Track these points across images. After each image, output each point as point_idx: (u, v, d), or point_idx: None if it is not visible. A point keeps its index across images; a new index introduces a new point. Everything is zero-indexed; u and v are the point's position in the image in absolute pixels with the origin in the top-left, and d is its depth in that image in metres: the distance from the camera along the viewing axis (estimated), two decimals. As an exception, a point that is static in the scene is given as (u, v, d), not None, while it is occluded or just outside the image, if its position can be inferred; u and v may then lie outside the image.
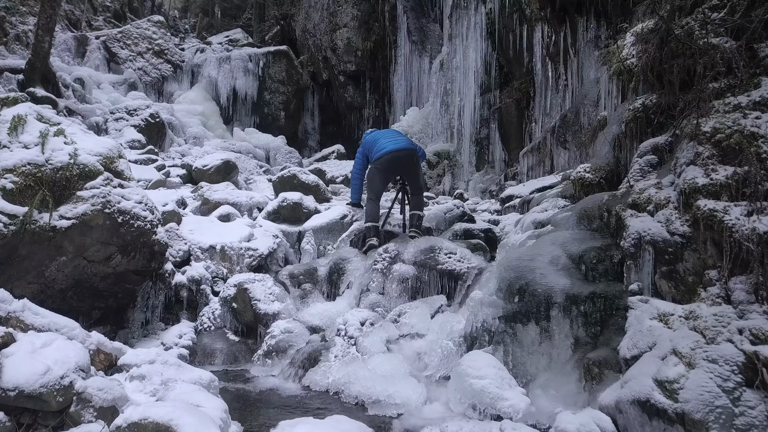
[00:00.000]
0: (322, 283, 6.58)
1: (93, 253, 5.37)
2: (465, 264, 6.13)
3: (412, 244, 6.45)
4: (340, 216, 7.23)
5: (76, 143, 5.48)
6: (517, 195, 8.12)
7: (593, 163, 5.99)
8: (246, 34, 29.64)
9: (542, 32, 10.78)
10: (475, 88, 12.77)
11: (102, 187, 5.40)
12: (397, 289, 6.15)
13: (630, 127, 5.77)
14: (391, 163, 6.71)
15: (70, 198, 5.26)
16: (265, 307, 5.78)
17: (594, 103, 9.59)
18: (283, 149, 18.70)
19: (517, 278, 4.62)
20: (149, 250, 5.70)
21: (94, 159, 5.47)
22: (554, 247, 4.75)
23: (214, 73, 20.55)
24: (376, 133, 7.06)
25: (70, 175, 5.26)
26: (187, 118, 18.06)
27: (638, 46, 6.42)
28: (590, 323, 4.22)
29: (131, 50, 20.13)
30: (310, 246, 7.02)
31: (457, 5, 13.41)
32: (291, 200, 7.22)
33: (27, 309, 3.99)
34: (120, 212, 5.43)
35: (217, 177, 12.10)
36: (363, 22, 22.36)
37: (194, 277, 6.07)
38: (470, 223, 7.46)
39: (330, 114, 24.53)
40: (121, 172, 5.70)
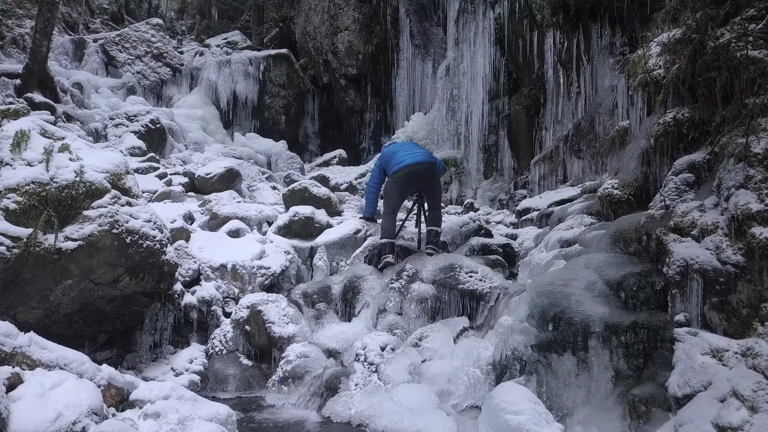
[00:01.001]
0: (336, 302, 6.32)
1: (100, 276, 5.10)
2: (487, 283, 5.89)
3: (430, 262, 6.20)
4: (353, 231, 6.98)
5: (81, 159, 5.21)
6: (534, 208, 7.88)
7: (621, 178, 5.75)
8: (244, 36, 29.33)
9: (554, 38, 10.55)
10: (483, 94, 12.53)
11: (109, 205, 5.13)
12: (415, 310, 5.91)
13: (660, 142, 5.54)
14: (410, 177, 6.46)
15: (76, 218, 5.00)
16: (280, 330, 5.52)
17: (609, 111, 9.37)
18: (285, 154, 18.43)
19: (551, 305, 4.38)
20: (158, 271, 5.44)
21: (101, 176, 5.21)
22: (589, 272, 4.51)
23: (213, 77, 20.26)
24: (395, 146, 6.80)
25: (76, 194, 4.99)
26: (186, 123, 17.78)
27: (665, 57, 6.20)
28: (632, 355, 3.98)
29: (130, 53, 19.84)
30: (322, 262, 6.76)
31: (464, 10, 13.18)
32: (303, 215, 6.97)
33: (34, 343, 3.73)
34: (128, 232, 5.17)
35: (220, 185, 11.85)
36: (364, 25, 22.10)
37: (205, 298, 5.80)
38: (488, 238, 7.22)
39: (330, 118, 24.26)
40: (128, 189, 5.44)
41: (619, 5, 9.25)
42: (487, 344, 4.95)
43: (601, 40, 9.64)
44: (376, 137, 22.81)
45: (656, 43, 6.41)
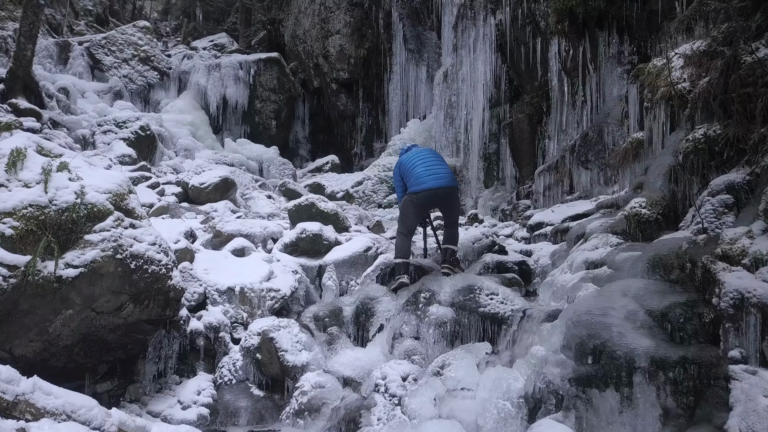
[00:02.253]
0: (348, 325, 6.03)
1: (102, 304, 4.76)
2: (508, 306, 5.63)
3: (447, 283, 5.94)
4: (364, 248, 6.69)
5: (82, 179, 4.87)
6: (547, 222, 7.65)
7: (647, 196, 5.53)
8: (231, 38, 28.87)
9: (559, 46, 10.36)
10: (484, 101, 12.32)
11: (112, 229, 4.79)
12: (434, 335, 5.63)
13: (690, 160, 5.33)
14: (430, 200, 6.21)
15: (77, 243, 4.65)
16: (293, 358, 5.21)
17: (618, 121, 9.19)
18: (277, 161, 18.10)
19: (591, 336, 4.13)
20: (164, 297, 5.11)
21: (103, 197, 4.86)
22: (628, 300, 4.26)
23: (203, 81, 19.85)
24: (414, 156, 6.32)
25: (77, 217, 4.65)
26: (176, 129, 17.36)
27: (690, 70, 6.00)
28: (681, 392, 3.73)
29: (116, 57, 19.35)
30: (332, 282, 6.47)
31: (463, 15, 12.95)
32: (310, 231, 6.66)
33: (38, 389, 3.40)
34: (133, 257, 4.83)
35: (215, 195, 11.51)
36: (356, 28, 21.80)
37: (212, 324, 5.48)
38: (502, 255, 6.97)
39: (321, 122, 23.93)
40: (132, 210, 5.10)
41: (628, 13, 9.07)
42: (516, 374, 4.68)
43: (609, 48, 9.46)
44: (368, 142, 22.52)
45: (678, 55, 6.21)
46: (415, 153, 6.42)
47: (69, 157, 5.11)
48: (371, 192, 13.89)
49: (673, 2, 8.59)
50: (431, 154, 6.35)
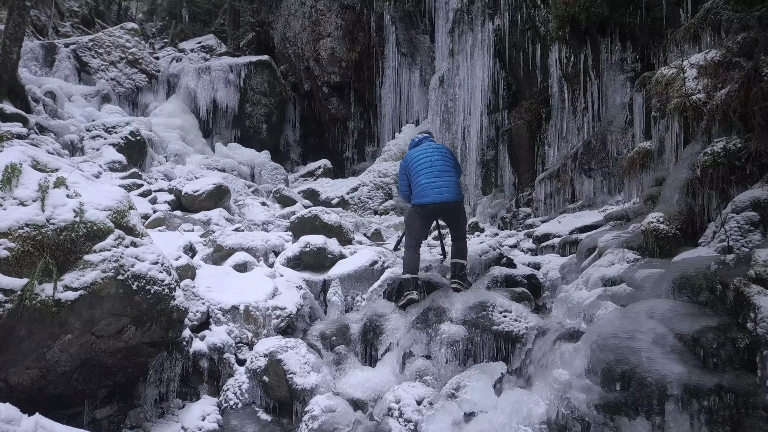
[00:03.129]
0: (356, 343, 5.83)
1: (103, 328, 4.52)
2: (522, 324, 5.48)
3: (458, 300, 5.76)
4: (369, 262, 6.49)
5: (80, 195, 4.63)
6: (555, 233, 7.51)
7: (664, 211, 5.39)
8: (219, 40, 28.52)
9: (559, 52, 10.24)
10: (482, 107, 12.18)
11: (113, 248, 4.56)
12: (446, 354, 5.45)
13: (709, 174, 5.19)
14: (434, 213, 6.07)
15: (76, 263, 4.41)
16: (302, 380, 5.00)
17: (622, 129, 9.09)
18: (269, 165, 17.83)
19: (618, 362, 3.97)
20: (167, 319, 4.88)
21: (103, 215, 4.63)
22: (655, 323, 4.11)
23: (192, 84, 19.54)
24: (422, 155, 6.05)
25: (76, 236, 4.41)
26: (165, 133, 17.04)
27: (704, 81, 5.88)
28: (717, 422, 3.58)
29: (103, 59, 18.99)
30: (337, 297, 6.26)
31: (460, 20, 12.80)
32: (315, 245, 6.45)
33: (40, 428, 3.17)
34: (134, 277, 4.60)
35: (208, 203, 11.27)
36: (347, 31, 21.59)
37: (216, 345, 5.25)
38: (510, 268, 6.81)
39: (312, 126, 23.68)
40: (133, 228, 4.86)
41: (631, 21, 8.97)
42: (537, 399, 4.51)
43: (611, 55, 9.36)
44: (359, 146, 22.31)
45: (691, 65, 6.08)
46: (423, 153, 6.10)
47: (66, 172, 4.87)
48: (367, 198, 13.69)
49: (677, 10, 8.50)
50: (440, 158, 6.02)
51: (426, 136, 6.52)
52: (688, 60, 6.08)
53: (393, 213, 13.14)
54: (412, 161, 6.18)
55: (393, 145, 14.95)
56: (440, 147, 6.26)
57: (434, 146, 6.24)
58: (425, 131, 6.72)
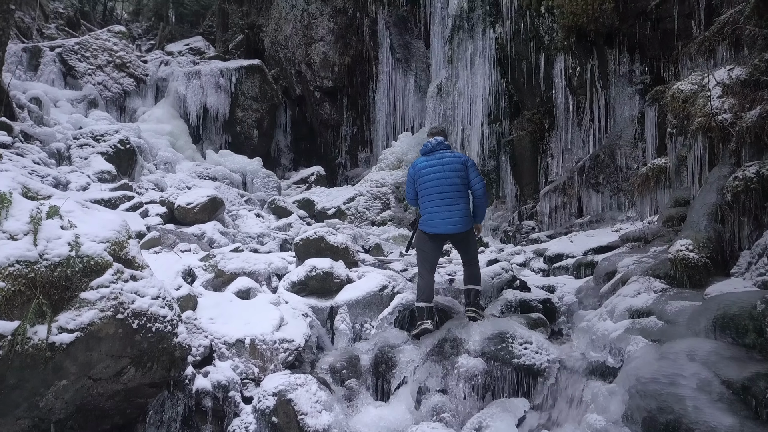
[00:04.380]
0: (367, 376, 5.52)
1: (100, 371, 4.17)
2: (544, 356, 5.21)
3: (476, 330, 5.48)
4: (378, 287, 6.18)
5: (75, 226, 4.27)
6: (568, 254, 7.24)
7: (692, 237, 5.14)
8: (207, 42, 28.07)
9: (564, 62, 10.00)
10: (483, 116, 11.91)
11: (112, 284, 4.21)
12: (464, 389, 5.17)
13: (741, 200, 4.95)
14: (444, 239, 5.77)
15: (71, 302, 4.06)
16: (314, 421, 4.68)
17: (631, 143, 8.87)
18: (261, 173, 17.48)
19: (661, 410, 3.70)
20: (169, 357, 4.53)
21: (101, 247, 4.27)
22: (698, 367, 3.84)
23: (182, 89, 19.12)
24: (432, 176, 5.64)
25: (71, 273, 4.05)
26: (154, 139, 16.62)
27: (731, 100, 5.64)
28: (773, 480, 3.32)
29: (90, 63, 18.51)
30: (345, 325, 5.94)
31: (459, 27, 12.53)
32: (321, 269, 6.13)
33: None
34: (135, 315, 4.25)
35: (202, 216, 10.91)
36: (340, 36, 21.26)
37: (220, 382, 4.91)
38: (524, 292, 6.54)
39: (303, 130, 23.32)
40: (132, 260, 4.51)
41: (641, 32, 8.74)
42: (568, 444, 4.24)
43: (619, 66, 9.13)
44: (352, 152, 22.00)
45: (716, 84, 5.85)
46: (434, 170, 5.63)
47: (59, 199, 4.51)
48: (364, 209, 13.38)
49: (688, 22, 8.30)
50: (452, 179, 5.57)
51: (440, 141, 5.82)
52: (712, 76, 5.84)
53: (391, 224, 12.84)
54: (421, 175, 5.76)
55: (390, 154, 14.65)
56: (454, 161, 5.66)
57: (447, 159, 5.67)
58: (438, 132, 5.90)
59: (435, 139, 5.80)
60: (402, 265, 7.64)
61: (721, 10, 7.66)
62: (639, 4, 8.42)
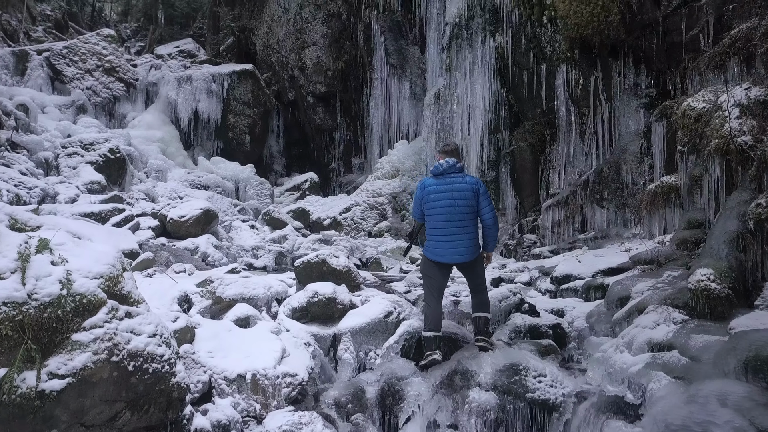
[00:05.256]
0: (373, 409, 5.26)
1: (94, 417, 3.89)
2: (559, 389, 4.98)
3: (487, 361, 5.25)
4: (383, 313, 5.93)
5: (67, 261, 4.00)
6: (576, 275, 7.04)
7: (713, 266, 4.94)
8: (197, 44, 27.73)
9: (567, 74, 9.81)
10: (482, 127, 11.70)
11: (106, 323, 3.94)
12: (475, 425, 4.94)
13: (765, 228, 4.76)
14: (450, 265, 5.54)
15: (62, 344, 3.78)
16: (320, 463, 4.44)
17: (637, 158, 8.68)
18: (254, 180, 17.20)
19: (694, 461, 3.49)
20: (166, 399, 4.26)
21: (94, 284, 4.00)
22: (731, 414, 3.63)
23: (173, 94, 18.78)
24: (440, 193, 5.37)
25: (62, 313, 3.78)
26: (145, 146, 16.30)
27: (750, 122, 5.46)
28: None
29: (79, 67, 18.13)
30: (348, 354, 5.69)
31: (458, 35, 12.32)
32: (323, 295, 5.88)
33: None
34: (131, 356, 3.99)
35: (195, 229, 10.63)
36: (333, 40, 21.01)
37: (220, 422, 4.64)
38: (533, 317, 6.33)
39: (296, 135, 23.03)
40: (127, 295, 4.24)
41: (647, 44, 8.56)
42: (590, 491, 4.02)
43: (624, 79, 8.95)
44: (346, 158, 21.74)
45: (734, 104, 5.66)
46: (444, 196, 5.34)
47: (49, 230, 4.23)
48: (360, 219, 13.13)
49: (697, 35, 8.12)
50: (461, 208, 5.34)
51: (452, 164, 5.44)
52: (730, 96, 5.65)
53: (388, 235, 12.61)
54: (429, 200, 5.48)
55: (386, 163, 14.41)
56: (464, 188, 5.34)
57: (458, 186, 5.35)
58: (451, 152, 5.52)
59: (447, 161, 5.48)
60: (405, 285, 7.41)
61: (731, 24, 7.49)
62: (646, 17, 8.24)
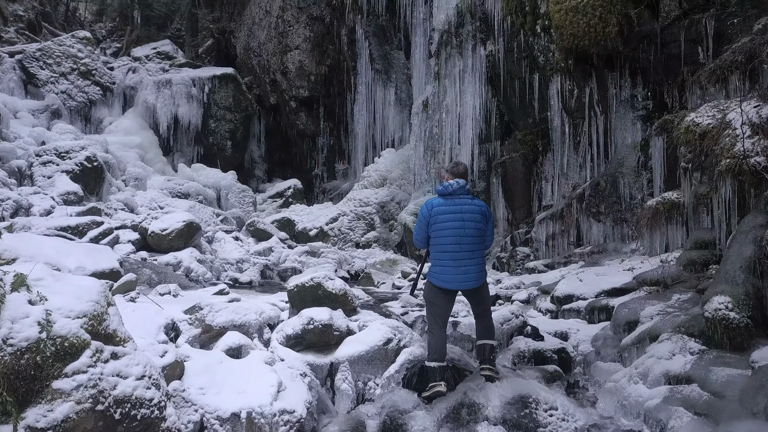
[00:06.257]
0: (374, 445, 4.98)
1: (77, 471, 3.54)
2: (571, 423, 4.75)
3: (494, 393, 4.99)
4: (383, 340, 5.63)
5: (46, 299, 3.64)
6: (578, 295, 6.83)
7: (730, 293, 4.75)
8: (175, 46, 27.11)
9: (561, 84, 9.62)
10: (472, 136, 11.47)
11: (90, 368, 3.60)
12: (485, 462, 4.68)
13: (784, 255, 4.58)
14: (456, 292, 5.29)
15: (42, 393, 3.44)
16: None
17: (634, 171, 8.53)
18: (235, 188, 16.78)
19: None
20: (156, 446, 3.93)
21: (76, 324, 3.65)
22: (767, 460, 3.42)
23: (151, 98, 18.28)
24: (449, 215, 5.13)
25: (42, 359, 3.43)
26: (123, 152, 15.80)
27: (764, 141, 5.29)
28: None
29: (53, 70, 17.53)
30: (347, 384, 5.39)
31: (446, 43, 12.08)
32: (320, 321, 5.56)
33: None
34: (117, 402, 3.65)
35: (178, 242, 10.24)
36: (316, 44, 20.64)
37: (214, 466, 4.32)
38: (537, 340, 6.09)
39: (278, 140, 22.62)
40: (113, 334, 3.89)
41: (644, 56, 8.41)
42: None
43: (620, 91, 8.78)
44: (329, 163, 21.38)
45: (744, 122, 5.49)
46: (453, 220, 5.11)
47: (26, 263, 3.87)
48: (348, 230, 12.82)
49: (695, 47, 7.99)
50: (470, 232, 5.11)
51: (462, 185, 5.21)
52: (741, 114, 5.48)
53: (376, 245, 12.33)
54: (436, 221, 5.20)
55: (373, 171, 14.12)
56: (474, 211, 5.12)
57: (468, 208, 5.13)
58: (461, 173, 5.29)
59: (456, 182, 5.23)
60: (401, 305, 7.13)
61: (732, 37, 7.37)
62: (644, 28, 8.08)
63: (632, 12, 7.87)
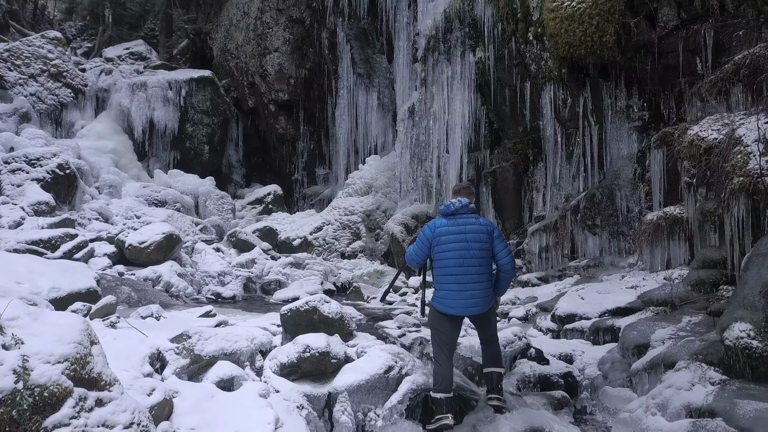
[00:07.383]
0: (378, 483, 4.68)
1: None
2: (586, 459, 4.50)
3: (505, 426, 4.73)
4: (383, 368, 5.31)
5: (22, 343, 3.25)
6: (581, 315, 6.60)
7: (749, 320, 4.55)
8: (149, 46, 26.41)
9: (554, 93, 9.42)
10: (462, 144, 11.22)
11: (73, 420, 3.22)
12: (497, 501, 4.40)
13: (806, 281, 4.39)
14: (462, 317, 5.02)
15: (18, 452, 3.05)
16: None
17: (631, 183, 8.36)
18: (214, 194, 16.29)
19: None
20: (146, 501, 3.56)
21: (57, 370, 3.27)
22: None
23: (126, 102, 17.68)
24: (452, 235, 4.85)
25: (18, 413, 3.05)
26: (96, 158, 15.21)
27: (778, 160, 5.10)
28: None
29: (21, 72, 16.84)
30: (346, 416, 5.06)
31: (434, 48, 11.81)
32: (316, 349, 5.21)
33: None
34: (103, 457, 3.27)
35: (157, 255, 9.80)
36: (296, 47, 20.24)
37: None
38: (542, 364, 5.85)
39: (256, 144, 22.15)
40: (98, 378, 3.52)
41: (640, 66, 8.25)
42: None
43: (615, 101, 8.61)
44: (309, 168, 20.97)
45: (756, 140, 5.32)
46: (457, 240, 4.83)
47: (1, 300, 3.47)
48: (333, 239, 12.47)
49: (693, 58, 7.85)
50: (476, 254, 4.84)
51: (465, 204, 4.95)
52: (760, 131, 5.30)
53: (362, 255, 12.00)
54: (439, 242, 4.90)
55: (358, 179, 13.79)
56: (479, 230, 4.83)
57: (472, 228, 4.83)
58: (465, 192, 5.07)
59: (459, 201, 4.95)
60: (397, 327, 6.82)
61: (732, 48, 7.23)
62: (642, 38, 7.91)
63: (631, 21, 7.69)
